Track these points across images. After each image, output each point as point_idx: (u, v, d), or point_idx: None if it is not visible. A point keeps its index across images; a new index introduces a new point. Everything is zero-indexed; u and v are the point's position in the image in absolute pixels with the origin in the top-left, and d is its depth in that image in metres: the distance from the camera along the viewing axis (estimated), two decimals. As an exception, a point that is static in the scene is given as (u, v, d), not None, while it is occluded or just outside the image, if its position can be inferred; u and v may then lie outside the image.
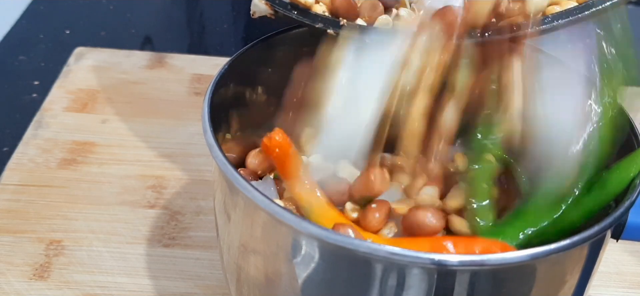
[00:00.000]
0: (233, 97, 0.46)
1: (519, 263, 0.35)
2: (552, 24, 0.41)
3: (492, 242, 0.38)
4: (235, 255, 0.41)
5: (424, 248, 0.37)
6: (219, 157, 0.38)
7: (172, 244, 0.55)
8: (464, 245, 0.38)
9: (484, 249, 0.37)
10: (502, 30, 0.41)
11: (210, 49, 0.85)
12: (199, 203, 0.59)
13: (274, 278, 0.39)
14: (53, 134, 0.65)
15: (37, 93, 0.72)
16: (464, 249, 0.37)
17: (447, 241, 0.38)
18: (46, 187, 0.60)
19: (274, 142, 0.41)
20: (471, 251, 0.37)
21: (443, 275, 0.35)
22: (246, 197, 0.37)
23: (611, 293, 0.54)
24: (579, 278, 0.39)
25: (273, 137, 0.41)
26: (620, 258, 0.56)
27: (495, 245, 0.38)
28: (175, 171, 0.62)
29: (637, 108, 0.43)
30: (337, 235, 0.35)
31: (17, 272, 0.52)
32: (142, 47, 0.82)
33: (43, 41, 0.81)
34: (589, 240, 0.36)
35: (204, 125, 0.40)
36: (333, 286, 0.37)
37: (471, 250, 0.37)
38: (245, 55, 0.46)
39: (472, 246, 0.38)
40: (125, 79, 0.73)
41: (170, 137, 0.66)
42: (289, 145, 0.42)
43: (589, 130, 0.40)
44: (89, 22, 0.86)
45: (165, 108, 0.69)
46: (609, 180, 0.41)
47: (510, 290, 0.36)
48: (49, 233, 0.55)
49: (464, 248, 0.38)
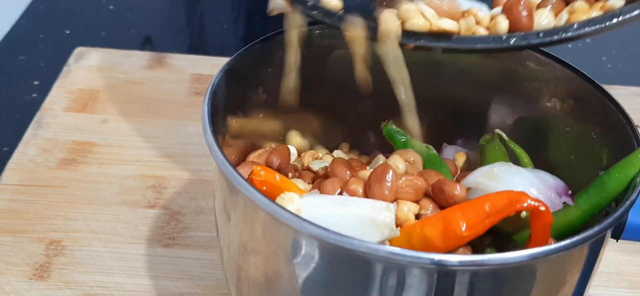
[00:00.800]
0: (233, 97, 0.46)
1: (519, 263, 0.35)
2: (577, 32, 0.41)
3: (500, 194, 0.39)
4: (235, 255, 0.41)
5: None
6: (219, 157, 0.38)
7: (172, 244, 0.55)
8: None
9: (492, 203, 0.38)
10: (528, 36, 0.41)
11: (210, 49, 0.85)
12: (199, 203, 0.59)
13: (274, 278, 0.39)
14: (53, 134, 0.65)
15: (37, 93, 0.72)
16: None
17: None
18: (46, 187, 0.60)
19: (259, 182, 0.41)
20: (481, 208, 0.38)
21: (443, 275, 0.35)
22: (246, 197, 0.37)
23: (611, 293, 0.54)
24: (579, 278, 0.39)
25: (255, 177, 0.41)
26: (620, 258, 0.56)
27: (502, 195, 0.38)
28: (175, 171, 0.62)
29: (637, 108, 0.43)
30: (337, 235, 0.35)
31: (17, 272, 0.52)
32: (142, 47, 0.82)
33: (43, 41, 0.81)
34: (589, 240, 0.36)
35: (204, 125, 0.40)
36: (333, 286, 0.37)
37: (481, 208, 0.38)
38: (245, 55, 0.46)
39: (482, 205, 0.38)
40: (125, 79, 0.73)
41: (170, 137, 0.66)
42: (273, 176, 0.41)
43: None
44: (89, 22, 0.86)
45: (165, 108, 0.69)
46: (609, 180, 0.41)
47: (510, 290, 0.36)
48: (49, 233, 0.55)
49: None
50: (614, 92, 0.45)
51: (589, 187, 0.41)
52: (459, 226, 0.37)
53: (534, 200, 0.37)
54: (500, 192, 0.39)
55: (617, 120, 0.44)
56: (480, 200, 0.38)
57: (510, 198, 0.38)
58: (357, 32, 0.42)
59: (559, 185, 0.45)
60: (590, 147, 0.46)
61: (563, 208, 0.42)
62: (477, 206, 0.38)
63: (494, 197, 0.38)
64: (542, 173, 0.45)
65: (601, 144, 0.45)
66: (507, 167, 0.44)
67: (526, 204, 0.37)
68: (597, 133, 0.45)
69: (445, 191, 0.41)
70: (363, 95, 0.50)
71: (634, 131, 0.42)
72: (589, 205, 0.41)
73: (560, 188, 0.44)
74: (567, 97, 0.48)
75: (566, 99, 0.48)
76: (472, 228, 0.37)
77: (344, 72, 0.48)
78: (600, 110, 0.45)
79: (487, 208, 0.38)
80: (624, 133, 0.43)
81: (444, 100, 0.51)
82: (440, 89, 0.51)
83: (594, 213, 0.41)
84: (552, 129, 0.49)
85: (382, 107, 0.51)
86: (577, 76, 0.47)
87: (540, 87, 0.49)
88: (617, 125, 0.44)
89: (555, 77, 0.48)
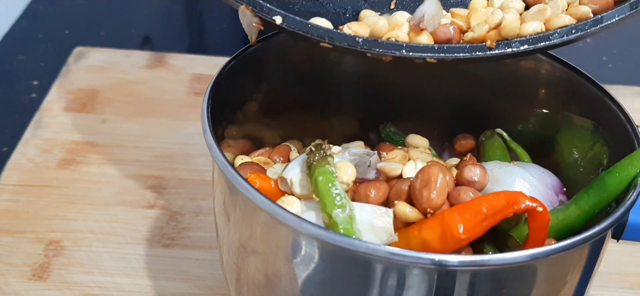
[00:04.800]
0: (233, 97, 0.46)
1: (519, 263, 0.35)
2: (562, 39, 0.41)
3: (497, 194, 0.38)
4: (235, 256, 0.41)
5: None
6: (218, 157, 0.38)
7: (171, 244, 0.55)
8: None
9: (490, 204, 0.37)
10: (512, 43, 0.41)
11: (210, 49, 0.85)
12: (198, 204, 0.59)
13: (274, 279, 0.39)
14: (52, 134, 0.65)
15: (37, 93, 0.72)
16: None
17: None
18: (45, 187, 0.59)
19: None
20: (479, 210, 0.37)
21: (443, 275, 0.35)
22: (246, 197, 0.37)
23: (612, 293, 0.54)
24: (580, 279, 0.39)
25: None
26: (620, 259, 0.56)
27: (499, 196, 0.38)
28: (175, 171, 0.62)
29: (637, 108, 0.43)
30: (337, 235, 0.35)
31: (16, 272, 0.52)
32: (141, 47, 0.82)
33: (42, 41, 0.81)
34: (590, 240, 0.36)
35: (204, 125, 0.40)
36: (333, 287, 0.37)
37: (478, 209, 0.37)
38: (245, 55, 0.46)
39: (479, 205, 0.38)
40: (125, 79, 0.73)
41: (169, 137, 0.66)
42: (267, 183, 0.41)
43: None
44: (89, 22, 0.86)
45: (165, 108, 0.69)
46: (609, 180, 0.40)
47: (510, 290, 0.36)
48: (48, 234, 0.55)
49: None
50: (614, 92, 0.45)
51: (589, 187, 0.41)
52: (457, 229, 0.37)
53: (531, 200, 0.37)
54: (498, 193, 0.39)
55: (617, 120, 0.44)
56: (478, 201, 0.38)
57: (508, 199, 0.38)
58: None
59: (555, 182, 0.45)
60: (590, 147, 0.46)
61: (563, 208, 0.42)
62: (475, 208, 0.38)
63: (492, 198, 0.38)
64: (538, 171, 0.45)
65: (601, 144, 0.45)
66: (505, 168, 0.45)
67: (524, 205, 0.37)
68: (597, 133, 0.45)
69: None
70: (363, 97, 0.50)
71: (634, 131, 0.42)
72: (590, 205, 0.41)
73: (557, 187, 0.45)
74: (567, 97, 0.48)
75: (566, 99, 0.48)
76: (470, 230, 0.37)
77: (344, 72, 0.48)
78: (600, 110, 0.45)
79: (484, 210, 0.37)
80: (624, 133, 0.43)
81: (444, 100, 0.51)
82: (440, 89, 0.51)
83: (594, 213, 0.41)
84: (552, 129, 0.49)
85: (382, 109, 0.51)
86: (578, 76, 0.47)
87: (541, 87, 0.49)
88: (617, 125, 0.43)
89: (555, 76, 0.48)
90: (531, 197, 0.38)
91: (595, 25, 0.41)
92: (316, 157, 0.40)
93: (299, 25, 0.40)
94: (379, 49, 0.40)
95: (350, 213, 0.37)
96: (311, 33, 0.40)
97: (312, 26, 0.41)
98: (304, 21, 0.41)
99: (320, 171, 0.39)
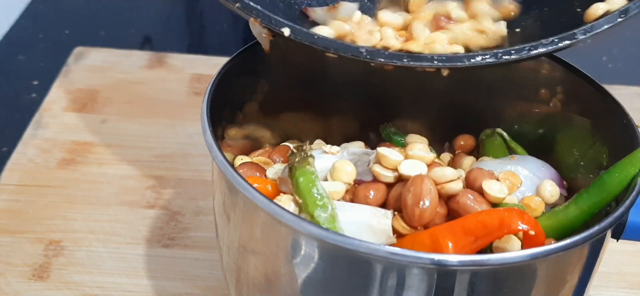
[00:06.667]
0: (233, 97, 0.46)
1: (519, 263, 0.35)
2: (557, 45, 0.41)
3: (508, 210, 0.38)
4: (234, 256, 0.41)
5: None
6: (218, 157, 0.38)
7: (171, 244, 0.55)
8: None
9: (482, 224, 0.37)
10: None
11: (210, 49, 0.85)
12: (198, 204, 0.59)
13: (274, 279, 0.39)
14: (52, 134, 0.65)
15: (37, 93, 0.72)
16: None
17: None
18: (45, 187, 0.59)
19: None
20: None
21: (443, 275, 0.35)
22: (246, 197, 0.37)
23: (611, 293, 0.54)
24: (579, 279, 0.39)
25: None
26: (620, 259, 0.56)
27: (492, 216, 0.38)
28: (175, 171, 0.62)
29: (637, 108, 0.43)
30: (337, 235, 0.35)
31: (16, 273, 0.52)
32: (141, 47, 0.82)
33: (42, 41, 0.81)
34: (589, 240, 0.36)
35: (204, 125, 0.40)
36: (333, 287, 0.37)
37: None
38: (245, 55, 0.46)
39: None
40: (125, 79, 0.73)
41: (169, 137, 0.66)
42: (264, 187, 0.41)
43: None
44: (89, 21, 0.86)
45: (165, 108, 0.69)
46: (609, 179, 0.40)
47: (510, 290, 0.36)
48: (48, 234, 0.55)
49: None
50: (614, 92, 0.45)
51: (589, 187, 0.41)
52: (447, 248, 0.37)
53: (525, 223, 0.37)
54: (491, 211, 0.38)
55: (617, 120, 0.43)
56: (471, 219, 0.38)
57: (501, 220, 0.37)
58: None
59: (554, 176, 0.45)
60: (590, 147, 0.46)
61: (563, 208, 0.42)
62: (467, 227, 0.37)
63: (485, 217, 0.37)
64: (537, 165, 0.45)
65: (601, 144, 0.45)
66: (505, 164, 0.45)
67: (518, 227, 0.37)
68: (597, 133, 0.45)
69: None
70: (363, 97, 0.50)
71: (634, 131, 0.42)
72: (589, 205, 0.41)
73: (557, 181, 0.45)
74: (568, 97, 0.48)
75: (566, 99, 0.48)
76: (461, 251, 0.37)
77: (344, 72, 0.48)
78: (600, 110, 0.45)
79: (476, 230, 0.37)
80: (624, 133, 0.43)
81: (444, 100, 0.51)
82: (441, 89, 0.51)
83: (594, 212, 0.41)
84: (552, 129, 0.49)
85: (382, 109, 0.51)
86: (578, 76, 0.47)
87: (541, 87, 0.49)
88: (617, 125, 0.43)
89: (555, 76, 0.48)
90: (526, 218, 0.37)
91: (584, 34, 0.41)
92: (296, 159, 0.40)
93: (306, 37, 0.42)
94: (381, 59, 0.42)
95: (332, 213, 0.38)
96: (317, 44, 0.42)
97: (318, 37, 0.42)
98: (310, 33, 0.42)
99: (301, 172, 0.39)
